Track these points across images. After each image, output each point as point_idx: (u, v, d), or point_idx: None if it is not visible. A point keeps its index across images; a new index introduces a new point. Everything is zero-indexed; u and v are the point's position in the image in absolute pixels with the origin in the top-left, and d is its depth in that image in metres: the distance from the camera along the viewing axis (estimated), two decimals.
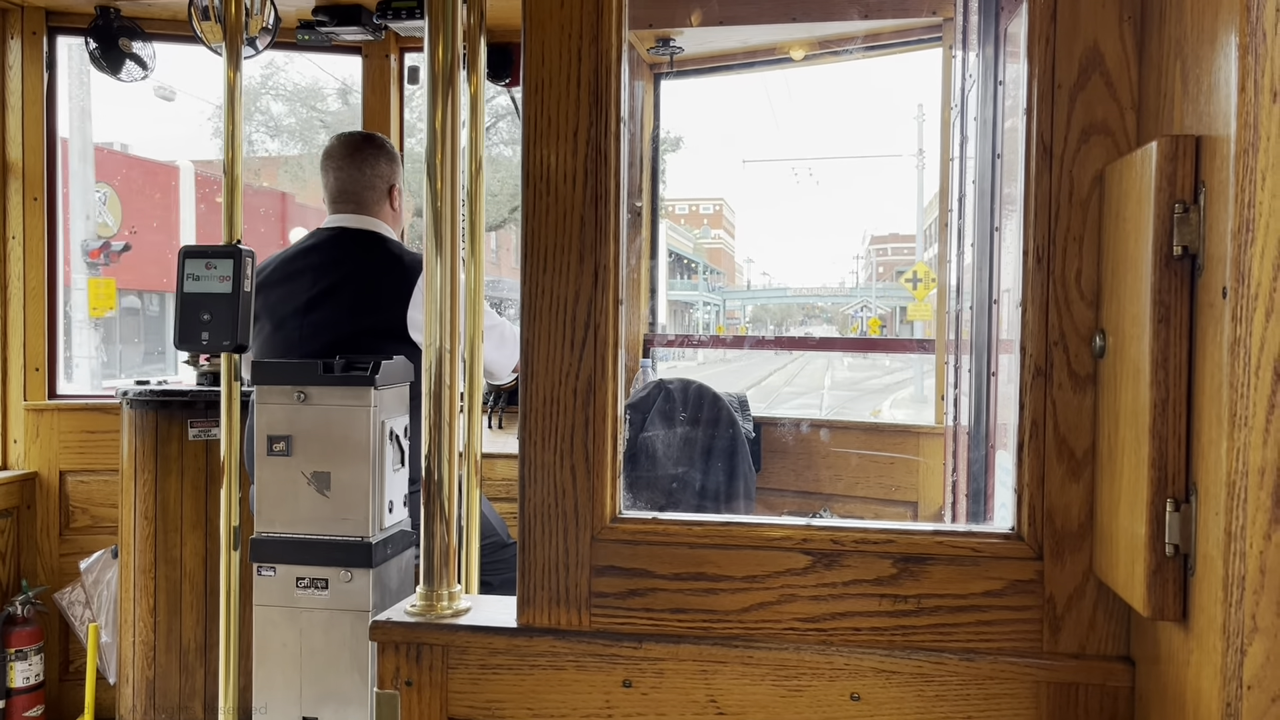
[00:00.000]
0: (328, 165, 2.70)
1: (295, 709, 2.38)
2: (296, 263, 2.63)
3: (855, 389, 23.78)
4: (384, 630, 1.27)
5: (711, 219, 63.29)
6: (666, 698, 1.21)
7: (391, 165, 2.73)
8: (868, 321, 40.21)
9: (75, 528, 3.35)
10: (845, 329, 47.29)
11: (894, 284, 50.92)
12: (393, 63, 3.49)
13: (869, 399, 20.37)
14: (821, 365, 30.44)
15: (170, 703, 3.06)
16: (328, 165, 2.70)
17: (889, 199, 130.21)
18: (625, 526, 1.24)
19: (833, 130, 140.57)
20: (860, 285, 55.01)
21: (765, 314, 51.66)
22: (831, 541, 1.20)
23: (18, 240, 3.29)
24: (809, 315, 55.08)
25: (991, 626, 1.16)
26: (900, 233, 62.51)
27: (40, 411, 3.32)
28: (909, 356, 19.28)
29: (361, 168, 2.68)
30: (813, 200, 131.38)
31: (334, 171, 2.69)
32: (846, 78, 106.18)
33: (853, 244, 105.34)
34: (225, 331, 2.33)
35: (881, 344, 11.55)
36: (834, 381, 25.71)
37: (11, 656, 3.12)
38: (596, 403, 1.25)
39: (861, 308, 46.23)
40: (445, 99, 1.39)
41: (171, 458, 3.03)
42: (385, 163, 2.72)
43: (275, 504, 2.35)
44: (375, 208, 2.70)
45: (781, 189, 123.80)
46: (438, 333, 1.39)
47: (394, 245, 2.69)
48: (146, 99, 11.66)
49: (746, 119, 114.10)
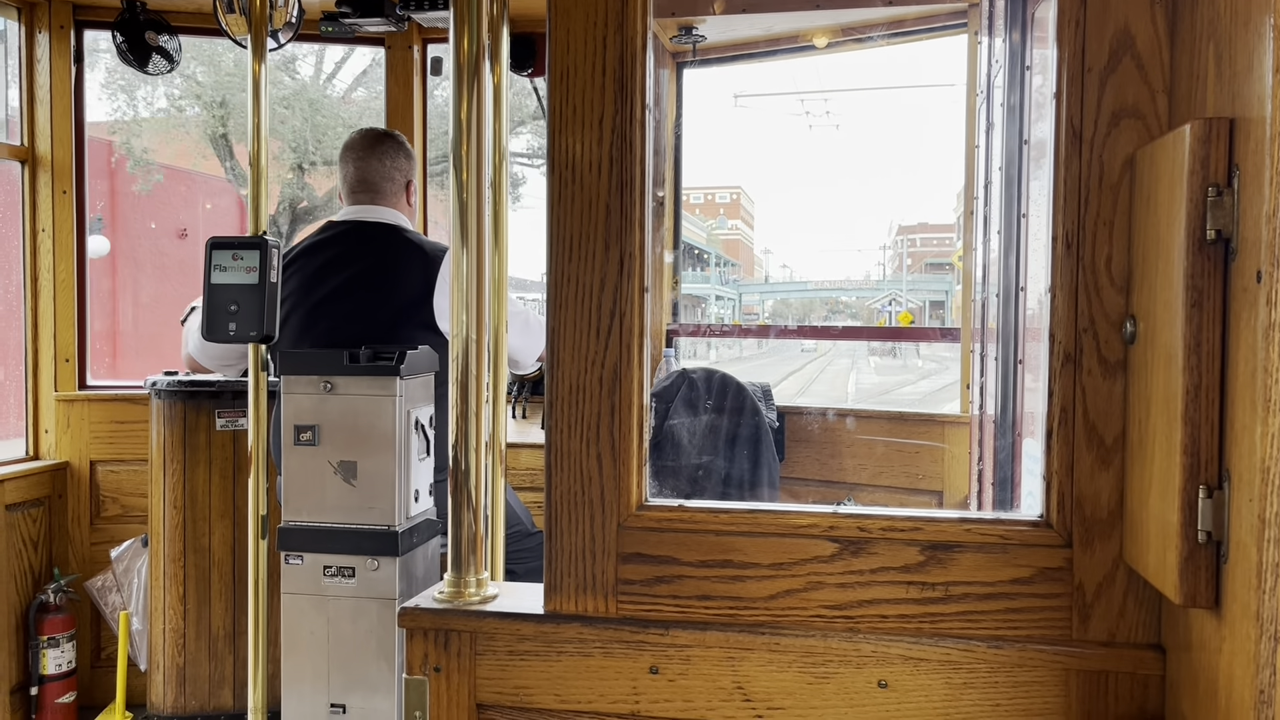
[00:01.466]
0: (347, 156, 2.72)
1: (323, 696, 2.40)
2: (317, 253, 2.64)
3: (884, 400, 20.00)
4: (413, 617, 1.28)
5: (728, 209, 61.24)
6: (693, 684, 1.22)
7: (410, 162, 2.76)
8: (897, 316, 38.80)
9: (106, 517, 3.39)
10: (871, 324, 46.26)
11: (924, 275, 49.23)
12: (415, 54, 3.49)
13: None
14: (845, 367, 27.77)
15: (200, 689, 3.10)
16: (347, 156, 2.72)
17: (919, 185, 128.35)
18: (651, 514, 1.25)
19: (859, 112, 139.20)
20: (887, 278, 53.55)
21: (786, 309, 50.31)
22: (858, 529, 1.19)
23: (47, 233, 3.33)
24: (833, 310, 53.52)
25: (1020, 614, 1.16)
26: (930, 222, 60.39)
27: (71, 402, 3.36)
28: (945, 358, 18.35)
29: (381, 159, 2.70)
30: (836, 183, 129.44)
31: (354, 162, 2.70)
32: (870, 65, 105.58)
33: (878, 234, 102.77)
34: (252, 322, 2.35)
35: (905, 333, 11.42)
36: (859, 388, 22.88)
37: (44, 644, 3.16)
38: (622, 390, 1.25)
39: (890, 301, 44.87)
40: (470, 90, 1.39)
41: (199, 447, 3.06)
42: (404, 158, 2.74)
43: (302, 493, 2.37)
44: (393, 199, 2.71)
45: (794, 135, 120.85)
46: (465, 322, 1.40)
47: (413, 235, 2.70)
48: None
49: (769, 103, 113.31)
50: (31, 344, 3.35)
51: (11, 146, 3.27)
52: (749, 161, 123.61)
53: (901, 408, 18.21)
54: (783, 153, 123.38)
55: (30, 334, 3.35)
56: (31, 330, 3.35)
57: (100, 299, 9.46)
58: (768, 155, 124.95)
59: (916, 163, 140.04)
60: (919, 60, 16.56)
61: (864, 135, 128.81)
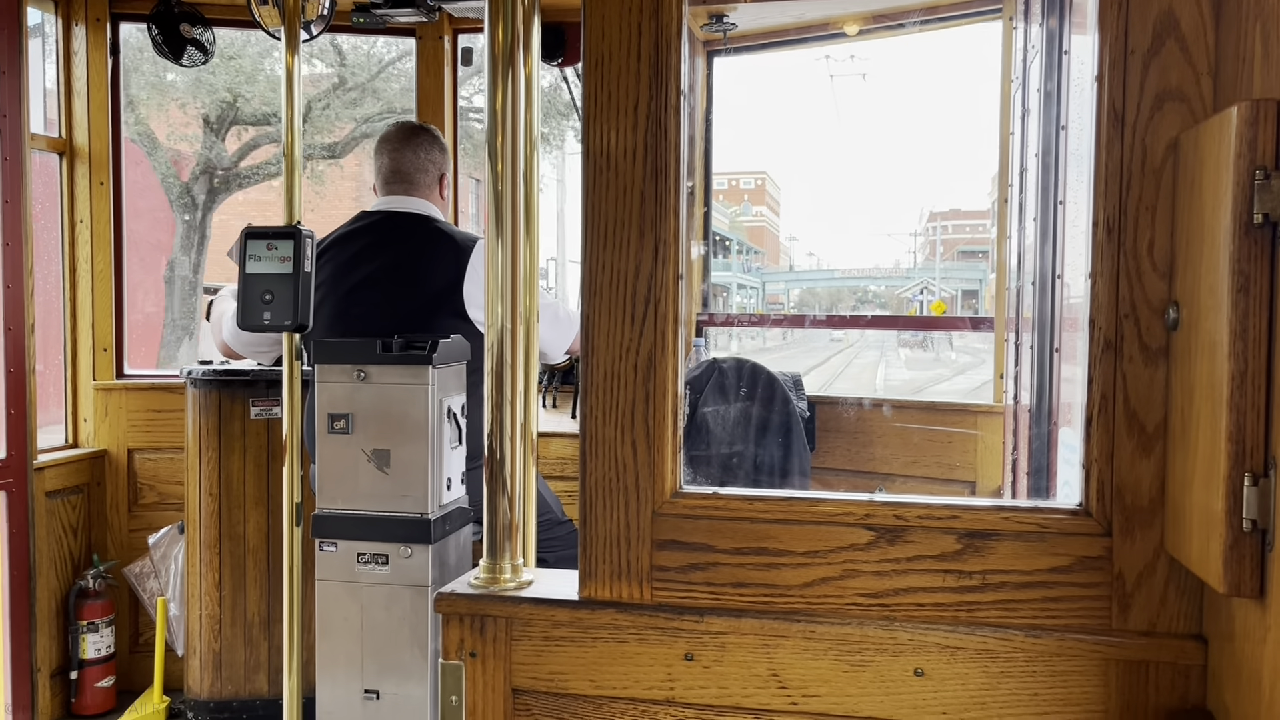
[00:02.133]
0: (382, 148, 2.74)
1: (357, 682, 2.42)
2: (349, 243, 2.66)
3: (916, 398, 18.31)
4: (449, 602, 1.28)
5: (753, 194, 58.40)
6: (728, 671, 1.22)
7: (444, 155, 2.79)
8: (930, 306, 36.14)
9: (143, 504, 3.44)
10: (900, 314, 44.63)
11: (956, 263, 47.59)
12: (446, 44, 3.50)
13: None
14: (873, 360, 26.03)
15: (236, 675, 3.14)
16: (382, 148, 2.74)
17: (952, 170, 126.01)
18: (686, 501, 1.25)
19: (891, 95, 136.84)
20: (918, 266, 50.84)
21: (813, 298, 48.89)
22: (895, 517, 1.19)
23: (85, 224, 3.37)
24: (861, 300, 51.72)
25: (1058, 603, 1.15)
26: (963, 208, 58.28)
27: (109, 391, 3.41)
28: (980, 350, 17.50)
29: (416, 151, 2.72)
30: (866, 168, 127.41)
31: (388, 153, 2.73)
32: (901, 52, 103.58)
33: (909, 220, 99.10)
34: (286, 311, 2.37)
35: (937, 322, 11.29)
36: (887, 383, 21.61)
37: (83, 628, 3.21)
38: (657, 378, 1.25)
39: (922, 290, 43.24)
40: (505, 80, 1.39)
41: (234, 436, 3.09)
42: (439, 151, 2.77)
43: (336, 481, 2.38)
44: (426, 190, 2.73)
45: (822, 119, 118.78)
46: (499, 313, 1.40)
47: (444, 225, 2.72)
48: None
49: (796, 89, 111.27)
50: (70, 334, 3.40)
51: (50, 138, 3.31)
52: (776, 146, 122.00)
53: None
54: (811, 137, 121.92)
55: (69, 324, 3.40)
56: (70, 320, 3.40)
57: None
58: (795, 140, 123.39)
59: (949, 147, 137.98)
60: (952, 47, 16.38)
61: (895, 119, 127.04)
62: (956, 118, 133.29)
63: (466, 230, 2.73)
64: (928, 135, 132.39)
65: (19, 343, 2.95)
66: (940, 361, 25.66)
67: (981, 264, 50.68)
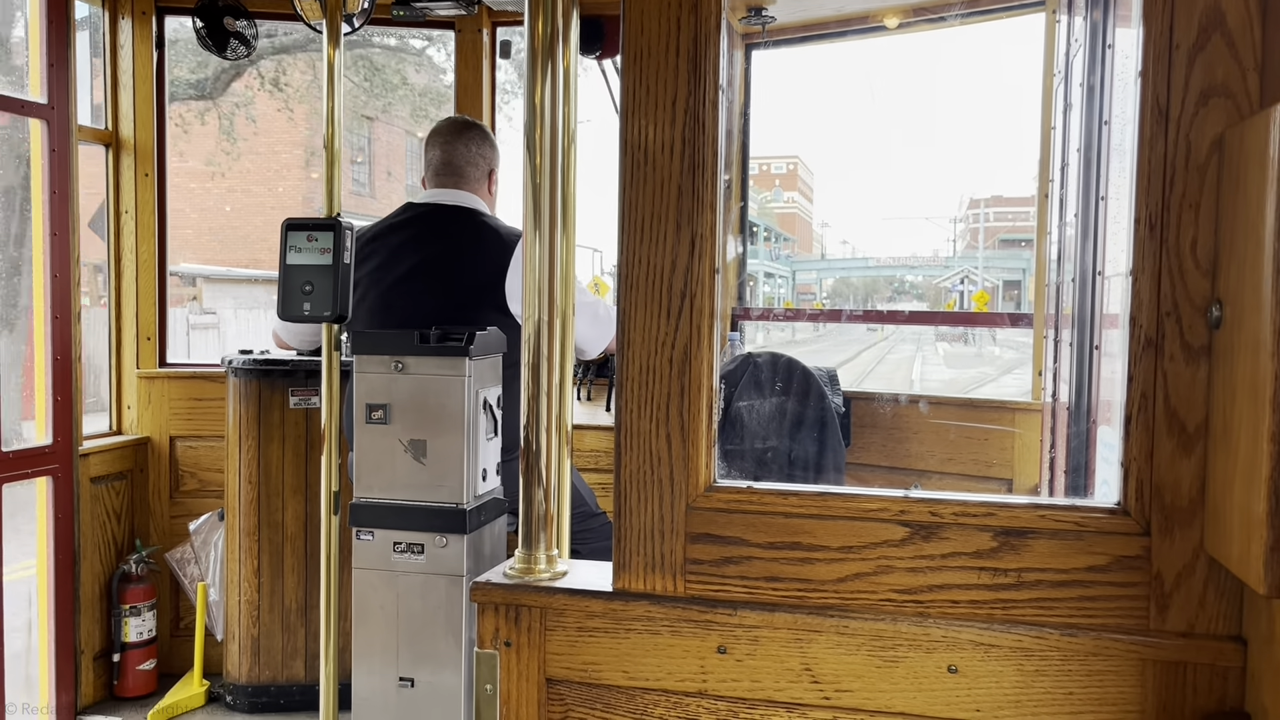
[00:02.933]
0: (433, 141, 2.77)
1: (392, 670, 2.45)
2: (395, 234, 2.69)
3: (954, 394, 13.40)
4: (484, 591, 1.30)
5: (784, 180, 55.32)
6: (761, 665, 1.22)
7: (494, 151, 2.81)
8: (971, 296, 33.84)
9: (184, 491, 3.50)
10: (939, 306, 42.27)
11: (998, 252, 45.59)
12: (484, 37, 3.52)
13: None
14: (908, 355, 23.99)
15: (273, 660, 3.18)
16: (433, 141, 2.77)
17: (994, 154, 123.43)
18: (720, 495, 1.25)
19: (930, 76, 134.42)
20: (958, 255, 47.91)
21: (847, 288, 47.41)
22: (930, 514, 1.18)
23: (130, 214, 3.43)
24: (898, 290, 49.98)
25: (1095, 603, 1.14)
26: (1005, 194, 55.88)
27: (152, 379, 3.47)
28: (1024, 344, 16.46)
29: (467, 145, 2.74)
30: (903, 152, 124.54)
31: (439, 147, 2.75)
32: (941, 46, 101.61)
33: (948, 207, 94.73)
34: (326, 302, 2.40)
35: (975, 318, 11.11)
36: (924, 382, 19.65)
37: (126, 612, 3.28)
38: (692, 372, 1.25)
39: (962, 279, 41.50)
40: (545, 72, 1.40)
41: (274, 425, 3.14)
42: (489, 147, 2.79)
43: (373, 470, 2.41)
44: (475, 185, 2.75)
45: (857, 100, 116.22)
46: (535, 306, 1.41)
47: (489, 218, 2.74)
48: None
49: (831, 72, 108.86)
50: (115, 322, 3.46)
51: (96, 130, 3.37)
52: (808, 129, 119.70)
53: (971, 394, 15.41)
54: (845, 122, 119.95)
55: (114, 312, 3.46)
56: (115, 309, 3.46)
57: None
58: (829, 124, 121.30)
59: (991, 132, 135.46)
60: (994, 40, 16.08)
61: (934, 104, 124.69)
62: (999, 103, 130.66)
63: (513, 225, 2.75)
64: (969, 118, 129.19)
65: (66, 330, 3.01)
66: (982, 358, 23.65)
67: (1025, 253, 48.62)
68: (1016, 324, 3.23)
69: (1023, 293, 47.25)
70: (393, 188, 23.36)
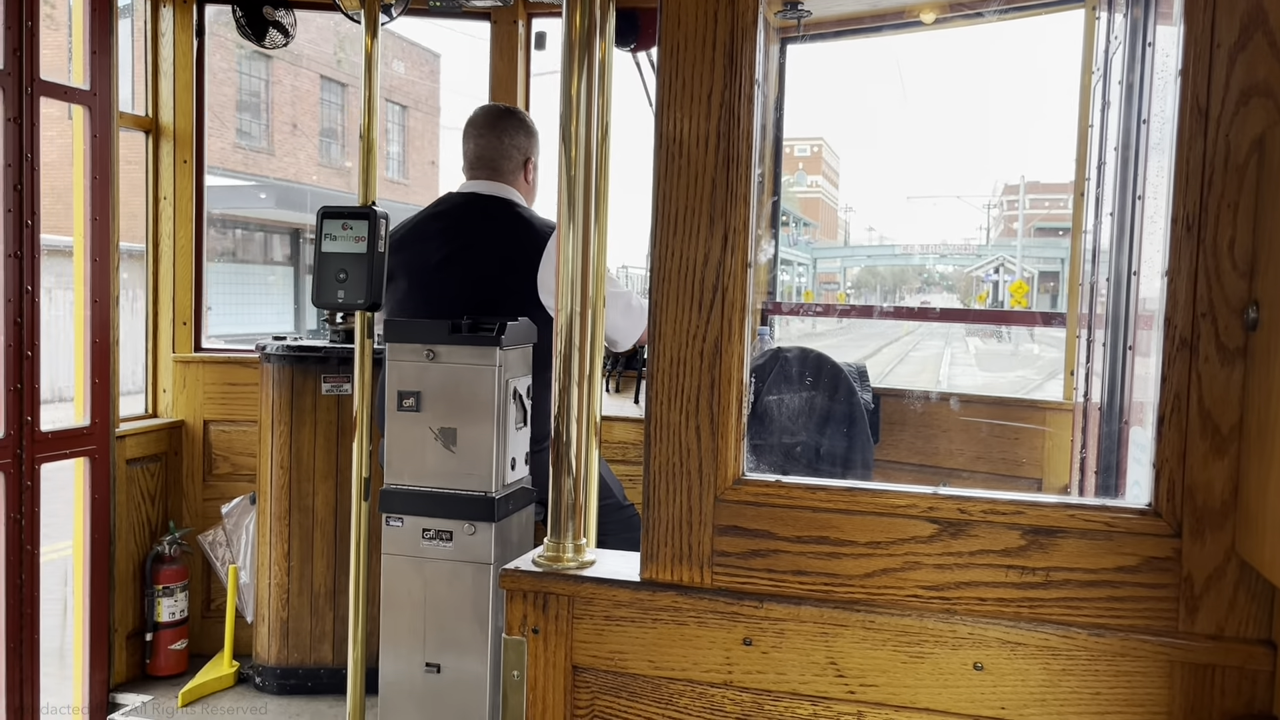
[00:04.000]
0: (469, 132, 2.78)
1: (419, 655, 2.48)
2: (430, 225, 2.71)
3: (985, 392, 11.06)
4: (513, 579, 1.31)
5: (808, 163, 52.76)
6: (786, 657, 1.23)
7: (530, 139, 2.80)
8: (1008, 287, 31.07)
9: (217, 474, 3.55)
10: (970, 298, 38.60)
11: (1033, 240, 43.45)
12: (520, 29, 3.53)
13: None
14: (935, 351, 22.34)
15: (302, 643, 3.23)
16: (469, 132, 2.78)
17: (1030, 139, 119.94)
18: (748, 488, 1.26)
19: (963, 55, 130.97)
20: (991, 243, 45.32)
21: (873, 277, 45.33)
22: (959, 511, 1.18)
23: (169, 201, 3.48)
24: (928, 281, 47.51)
25: (1123, 603, 1.14)
26: (1042, 180, 51.61)
27: (187, 364, 3.51)
28: (1064, 343, 15.60)
29: (501, 137, 2.75)
30: (933, 134, 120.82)
31: (474, 139, 2.76)
32: (977, 40, 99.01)
33: (981, 192, 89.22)
34: (360, 290, 2.42)
35: (1008, 316, 10.98)
36: (951, 382, 17.86)
37: (159, 592, 3.33)
38: (722, 365, 1.26)
39: (997, 268, 37.59)
40: (581, 65, 1.41)
41: (306, 410, 3.17)
42: (524, 136, 2.79)
43: (404, 457, 2.44)
44: (510, 176, 2.76)
45: (886, 80, 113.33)
46: (569, 298, 1.42)
47: (523, 210, 2.75)
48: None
49: (859, 53, 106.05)
50: (152, 307, 3.51)
51: (136, 116, 3.42)
52: (834, 111, 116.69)
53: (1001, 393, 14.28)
54: (873, 105, 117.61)
55: (151, 297, 3.51)
56: (152, 293, 3.51)
57: None
58: (856, 106, 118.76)
59: (1026, 116, 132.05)
60: (1031, 35, 15.81)
61: (966, 80, 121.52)
62: (1036, 92, 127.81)
63: (547, 217, 2.76)
64: (1003, 103, 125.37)
65: (104, 314, 3.06)
66: (1019, 357, 21.72)
67: (1064, 241, 46.83)
68: (1050, 323, 3.21)
69: (1060, 284, 45.04)
70: (299, 144, 19.39)
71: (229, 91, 17.69)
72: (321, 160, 20.47)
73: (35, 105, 2.76)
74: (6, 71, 2.69)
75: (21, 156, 2.73)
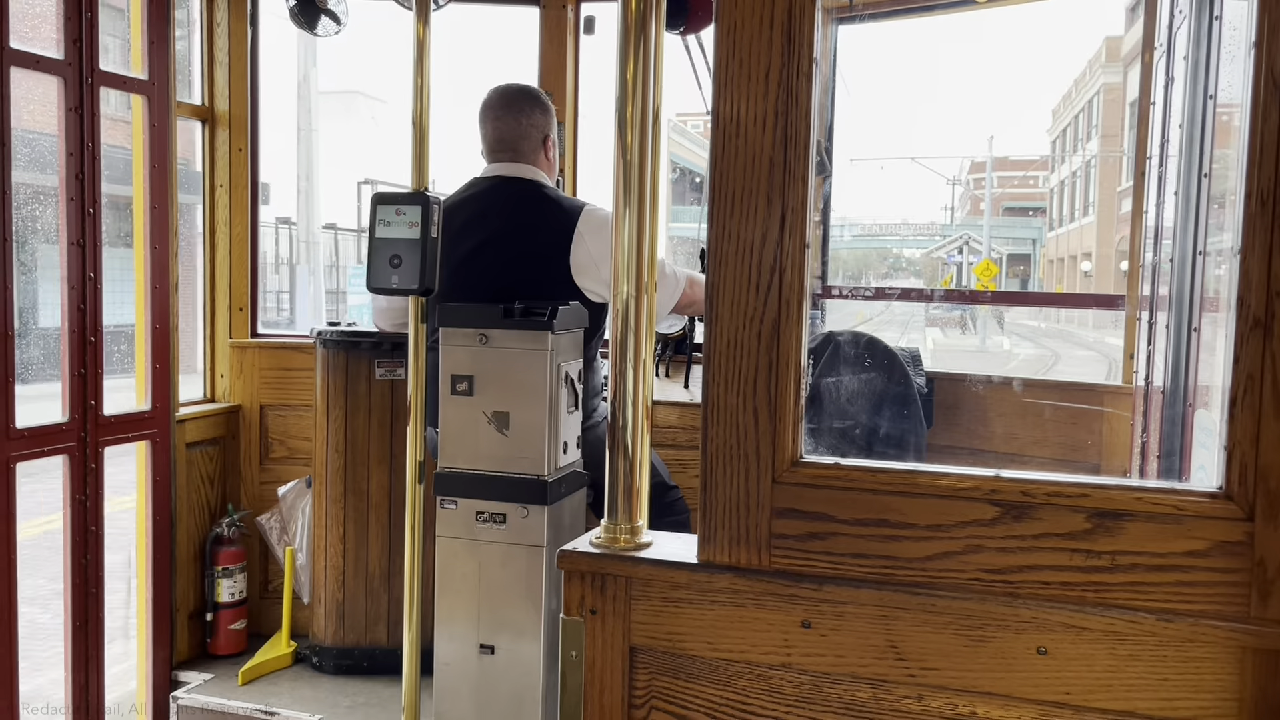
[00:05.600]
0: (486, 115, 2.78)
1: (473, 636, 2.50)
2: (460, 211, 2.72)
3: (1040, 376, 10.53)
4: (570, 560, 1.32)
5: None
6: (845, 640, 1.22)
7: (546, 116, 2.80)
8: (972, 269, 27.70)
9: (273, 458, 3.60)
10: (934, 281, 35.33)
11: (1003, 220, 39.57)
12: (569, 14, 3.53)
13: None
14: (890, 341, 20.25)
15: (358, 624, 3.27)
16: (486, 115, 2.78)
17: (998, 110, 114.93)
18: (806, 471, 1.25)
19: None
20: (954, 223, 42.06)
21: (834, 261, 43.39)
22: (1021, 493, 1.17)
23: (224, 188, 3.53)
24: (894, 266, 42.77)
25: (1193, 588, 1.12)
26: (1011, 156, 47.63)
27: (243, 349, 3.57)
28: (1038, 333, 13.41)
29: (519, 118, 2.75)
30: (897, 105, 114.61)
31: (492, 121, 2.77)
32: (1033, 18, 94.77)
33: (948, 166, 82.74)
34: (413, 275, 2.44)
35: (1062, 299, 10.70)
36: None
37: (219, 573, 3.39)
38: (780, 347, 1.25)
39: (961, 248, 34.57)
40: (637, 49, 1.40)
41: (360, 395, 3.21)
42: (540, 113, 2.79)
43: (457, 441, 2.46)
44: (532, 156, 2.77)
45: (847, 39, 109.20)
46: (624, 282, 1.41)
47: (552, 192, 2.76)
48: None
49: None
50: (209, 293, 3.57)
51: (193, 106, 3.47)
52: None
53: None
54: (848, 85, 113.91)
55: (208, 284, 3.57)
56: (209, 280, 3.57)
57: None
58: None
59: (993, 84, 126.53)
60: (1091, 12, 15.16)
61: (940, 48, 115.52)
62: (1015, 65, 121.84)
63: (575, 198, 2.76)
64: (979, 80, 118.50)
65: (164, 300, 3.11)
66: (985, 354, 19.26)
67: (1035, 221, 42.57)
68: (1111, 305, 3.15)
69: (1033, 268, 41.26)
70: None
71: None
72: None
73: (95, 95, 2.81)
74: (67, 62, 2.74)
75: (83, 146, 2.79)
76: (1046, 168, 43.03)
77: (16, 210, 2.62)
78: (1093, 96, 37.62)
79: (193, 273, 3.70)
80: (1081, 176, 38.52)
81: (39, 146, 3.59)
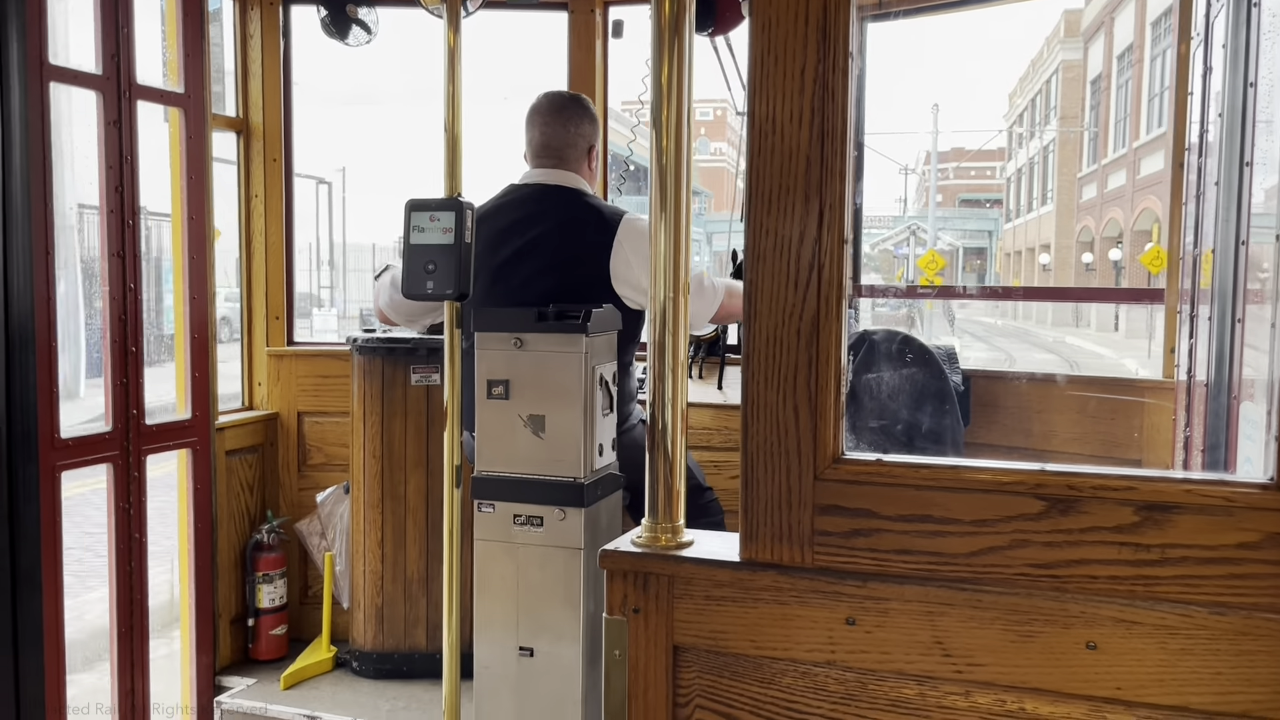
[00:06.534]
0: (534, 120, 2.80)
1: (512, 639, 2.51)
2: (500, 216, 2.74)
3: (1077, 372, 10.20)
4: (612, 559, 1.32)
5: (710, 128, 46.11)
6: (890, 637, 1.21)
7: (594, 126, 2.82)
8: (916, 261, 26.51)
9: (311, 464, 3.64)
10: (890, 276, 33.66)
11: (957, 211, 37.75)
12: (597, 18, 3.54)
13: None
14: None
15: (397, 629, 3.30)
16: (534, 120, 2.80)
17: (953, 101, 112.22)
18: (848, 467, 1.25)
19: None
20: (908, 214, 40.21)
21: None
22: (1067, 487, 1.16)
23: (260, 199, 3.57)
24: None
25: (1245, 580, 1.10)
26: (966, 147, 45.95)
27: (280, 357, 3.61)
28: (992, 330, 12.68)
29: (566, 125, 2.77)
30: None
31: (540, 127, 2.78)
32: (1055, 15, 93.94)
33: (902, 155, 79.37)
34: (448, 281, 2.46)
35: (1099, 294, 10.61)
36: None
37: (259, 579, 3.43)
38: (820, 343, 1.25)
39: (909, 238, 32.90)
40: (671, 52, 1.40)
41: (396, 401, 3.23)
42: (588, 123, 2.81)
43: (494, 444, 2.47)
44: (576, 164, 2.78)
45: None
46: (661, 285, 1.42)
47: (593, 199, 2.77)
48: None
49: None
50: (246, 302, 3.61)
51: (228, 118, 3.51)
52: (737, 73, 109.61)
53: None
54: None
55: (245, 293, 3.61)
56: (246, 289, 3.61)
57: None
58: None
59: (946, 74, 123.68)
60: (1123, 7, 15.25)
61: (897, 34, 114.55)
62: (961, 33, 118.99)
63: (615, 205, 2.77)
64: (919, 56, 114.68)
65: (202, 310, 3.15)
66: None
67: (992, 213, 40.92)
68: (1148, 300, 3.11)
69: (989, 262, 39.31)
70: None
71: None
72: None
73: (133, 109, 2.85)
74: (105, 76, 2.79)
75: (121, 159, 2.83)
76: (1003, 157, 41.75)
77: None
78: (1051, 75, 36.22)
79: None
80: (1040, 163, 37.30)
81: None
